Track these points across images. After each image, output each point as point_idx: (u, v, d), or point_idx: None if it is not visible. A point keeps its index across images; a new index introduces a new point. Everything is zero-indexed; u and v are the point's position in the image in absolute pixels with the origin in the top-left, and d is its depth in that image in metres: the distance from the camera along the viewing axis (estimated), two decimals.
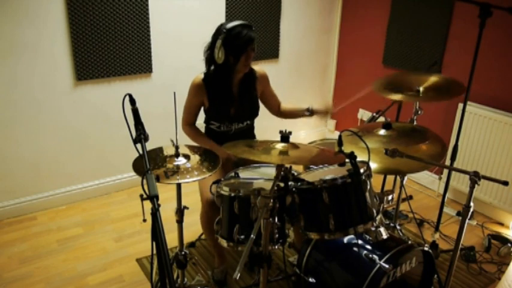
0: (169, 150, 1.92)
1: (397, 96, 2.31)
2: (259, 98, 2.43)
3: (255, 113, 2.43)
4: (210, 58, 2.23)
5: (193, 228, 2.48)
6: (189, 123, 2.37)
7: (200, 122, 2.41)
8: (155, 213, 1.28)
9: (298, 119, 2.50)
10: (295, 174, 1.99)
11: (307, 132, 4.37)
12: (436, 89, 2.31)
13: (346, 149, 1.72)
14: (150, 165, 1.51)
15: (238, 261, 1.45)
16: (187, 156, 1.90)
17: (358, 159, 1.69)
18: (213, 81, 2.25)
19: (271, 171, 2.07)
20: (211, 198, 2.12)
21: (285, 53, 3.91)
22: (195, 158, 1.93)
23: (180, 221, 2.00)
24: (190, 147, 2.05)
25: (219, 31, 2.18)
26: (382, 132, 2.05)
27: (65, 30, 2.83)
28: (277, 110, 2.52)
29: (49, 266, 2.54)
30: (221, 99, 2.28)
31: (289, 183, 1.76)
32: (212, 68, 2.25)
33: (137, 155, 1.55)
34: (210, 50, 2.22)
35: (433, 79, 2.37)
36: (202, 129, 2.43)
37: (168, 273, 1.25)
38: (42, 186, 3.10)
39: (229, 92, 2.28)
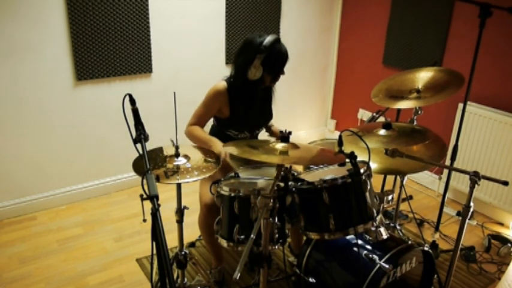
0: (169, 150, 1.92)
1: (401, 104, 2.28)
2: None
3: (270, 118, 2.44)
4: (241, 73, 2.12)
5: (193, 228, 2.47)
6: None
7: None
8: (155, 213, 1.28)
9: (299, 119, 2.51)
10: (295, 174, 1.99)
11: (307, 132, 4.37)
12: (435, 85, 2.28)
13: (346, 149, 1.72)
14: (150, 165, 1.51)
15: (238, 261, 1.45)
16: (187, 156, 1.90)
17: (358, 159, 1.69)
18: (239, 93, 2.17)
19: (272, 171, 2.07)
20: (209, 202, 2.12)
21: None
22: (196, 158, 1.93)
23: (180, 221, 2.00)
24: (193, 147, 2.05)
25: (255, 48, 2.05)
26: (382, 132, 2.05)
27: (65, 30, 2.84)
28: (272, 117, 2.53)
29: (49, 266, 2.54)
30: (244, 110, 2.21)
31: (289, 183, 1.76)
32: (240, 80, 2.15)
33: (137, 155, 1.55)
34: (244, 66, 2.10)
35: (431, 74, 2.33)
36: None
37: (168, 273, 1.24)
38: (42, 186, 3.10)
39: (253, 103, 2.25)
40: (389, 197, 1.88)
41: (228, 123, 2.28)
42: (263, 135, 2.47)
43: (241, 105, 2.21)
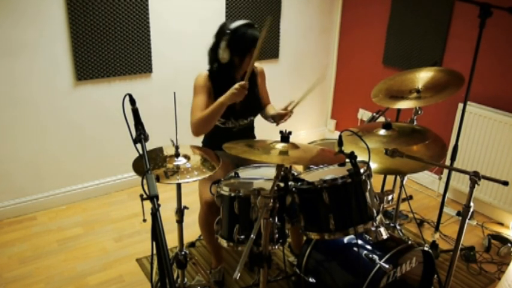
0: (169, 150, 1.92)
1: (401, 104, 2.28)
2: None
3: (258, 108, 2.44)
4: (213, 57, 2.25)
5: (193, 228, 2.48)
6: None
7: None
8: (155, 213, 1.28)
9: (299, 119, 2.50)
10: (295, 174, 1.99)
11: (307, 132, 4.37)
12: (435, 85, 2.28)
13: (346, 149, 1.72)
14: (150, 165, 1.51)
15: (238, 261, 1.45)
16: (187, 156, 1.90)
17: (358, 159, 1.69)
18: (218, 79, 2.25)
19: (271, 172, 2.07)
20: (209, 200, 2.12)
21: (285, 52, 3.91)
22: (195, 158, 1.93)
23: (180, 221, 2.00)
24: (193, 147, 2.05)
25: (222, 31, 2.18)
26: (382, 132, 2.05)
27: (65, 30, 2.83)
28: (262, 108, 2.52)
29: (49, 266, 2.54)
30: None
31: (289, 183, 1.76)
32: (215, 66, 2.26)
33: (137, 155, 1.55)
34: (214, 49, 2.23)
35: (431, 74, 2.33)
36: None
37: (168, 273, 1.24)
38: (42, 186, 3.10)
39: None
40: (389, 197, 1.88)
41: None
42: (262, 135, 2.47)
43: (224, 91, 2.21)
